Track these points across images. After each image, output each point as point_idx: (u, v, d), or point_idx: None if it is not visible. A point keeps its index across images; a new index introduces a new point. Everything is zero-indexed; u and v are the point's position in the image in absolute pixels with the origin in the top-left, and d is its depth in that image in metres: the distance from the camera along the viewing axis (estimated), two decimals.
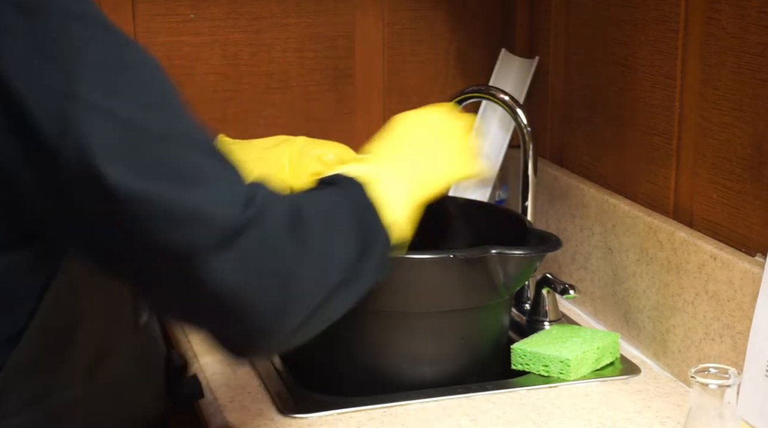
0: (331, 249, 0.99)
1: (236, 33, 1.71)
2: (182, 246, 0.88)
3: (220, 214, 0.89)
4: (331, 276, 0.99)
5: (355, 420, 1.24)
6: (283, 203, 0.96)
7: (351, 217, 1.03)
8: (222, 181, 0.91)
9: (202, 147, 0.92)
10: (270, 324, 0.94)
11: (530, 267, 1.32)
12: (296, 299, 0.95)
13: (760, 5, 1.21)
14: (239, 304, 0.91)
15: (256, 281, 0.91)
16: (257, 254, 0.91)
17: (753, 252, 1.24)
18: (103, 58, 0.88)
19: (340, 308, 1.03)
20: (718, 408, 1.00)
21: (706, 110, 1.32)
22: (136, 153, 0.87)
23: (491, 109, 1.79)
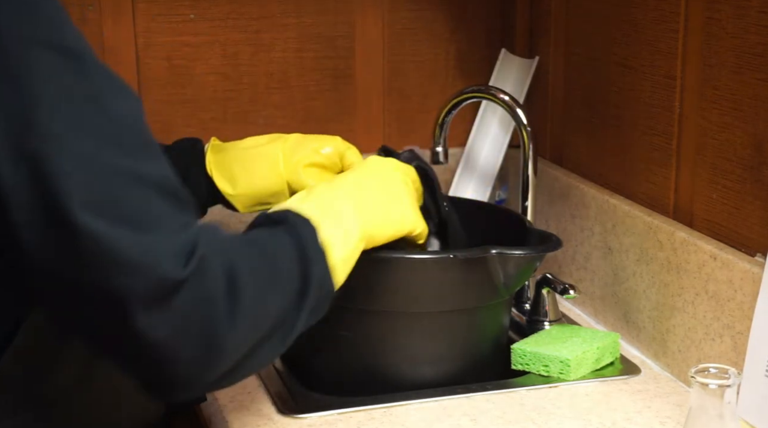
0: (265, 305, 0.98)
1: (236, 33, 1.71)
2: (118, 292, 0.87)
3: (160, 267, 0.88)
4: (261, 330, 0.98)
5: (355, 420, 1.24)
6: (223, 255, 0.95)
7: (292, 262, 1.02)
8: (169, 229, 0.90)
9: (159, 189, 0.91)
10: (192, 376, 0.94)
11: (530, 267, 1.32)
12: (223, 355, 0.94)
13: (760, 5, 1.21)
14: (164, 356, 0.91)
15: (184, 337, 0.91)
16: (189, 312, 0.90)
17: (753, 252, 1.24)
18: (68, 89, 0.87)
19: (271, 355, 1.02)
20: (718, 408, 1.00)
21: (706, 110, 1.32)
22: (84, 187, 0.86)
23: (491, 109, 1.79)
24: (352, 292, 1.27)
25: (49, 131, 0.85)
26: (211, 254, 0.92)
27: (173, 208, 0.91)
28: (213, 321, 0.92)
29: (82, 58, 0.89)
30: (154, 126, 1.79)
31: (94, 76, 0.89)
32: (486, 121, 1.81)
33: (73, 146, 0.86)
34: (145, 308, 0.88)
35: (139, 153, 0.90)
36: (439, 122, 1.59)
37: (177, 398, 0.97)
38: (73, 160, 0.86)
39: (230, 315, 0.93)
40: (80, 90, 0.88)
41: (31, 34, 0.87)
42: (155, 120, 1.68)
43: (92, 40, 1.63)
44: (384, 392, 1.30)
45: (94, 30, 1.64)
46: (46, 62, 0.87)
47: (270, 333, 0.99)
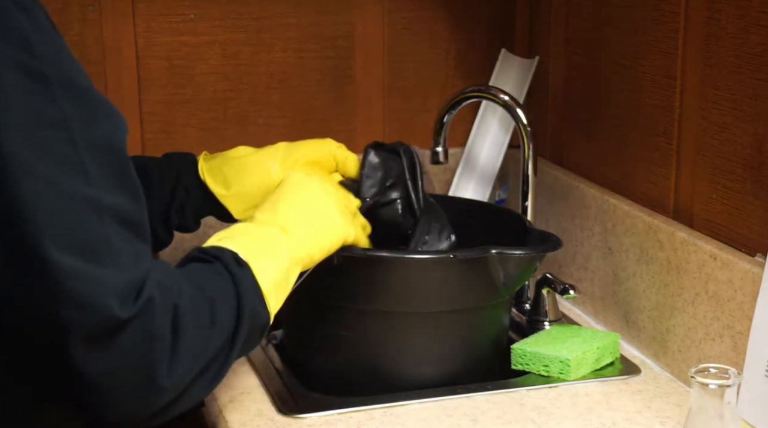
0: (204, 345, 0.99)
1: (236, 33, 1.71)
2: (62, 322, 0.87)
3: (107, 305, 0.88)
4: (197, 368, 0.99)
5: (355, 420, 1.24)
6: (170, 296, 0.95)
7: (228, 302, 1.03)
8: (122, 265, 0.90)
9: (117, 221, 0.91)
10: (127, 412, 0.94)
11: (530, 267, 1.32)
12: (160, 394, 0.95)
13: (760, 5, 1.21)
14: (101, 390, 0.91)
15: (122, 374, 0.91)
16: (130, 350, 0.91)
17: (753, 252, 1.24)
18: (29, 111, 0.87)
19: (202, 392, 1.03)
20: (718, 408, 1.00)
21: (706, 110, 1.32)
22: (44, 214, 0.86)
23: (491, 109, 1.79)
24: (352, 292, 1.27)
25: (10, 152, 0.85)
26: (159, 295, 0.93)
27: (132, 242, 0.92)
28: (153, 361, 0.93)
29: (49, 80, 0.88)
30: (154, 126, 1.81)
31: (62, 99, 0.89)
32: (486, 121, 1.81)
33: (34, 171, 0.86)
34: (87, 342, 0.88)
35: (104, 183, 0.90)
36: (439, 122, 1.59)
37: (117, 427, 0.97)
38: (33, 185, 0.86)
39: (171, 356, 0.94)
40: (46, 114, 0.88)
41: (6, 54, 0.87)
42: (155, 120, 1.68)
43: (92, 40, 1.64)
44: (384, 392, 1.30)
45: (94, 30, 1.64)
46: (15, 84, 0.86)
47: (205, 369, 1.00)
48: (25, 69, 0.87)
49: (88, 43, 1.64)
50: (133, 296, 0.90)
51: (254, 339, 1.08)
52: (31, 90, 0.87)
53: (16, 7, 0.89)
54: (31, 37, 0.88)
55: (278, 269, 1.10)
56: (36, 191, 0.86)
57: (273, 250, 1.12)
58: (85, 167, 0.89)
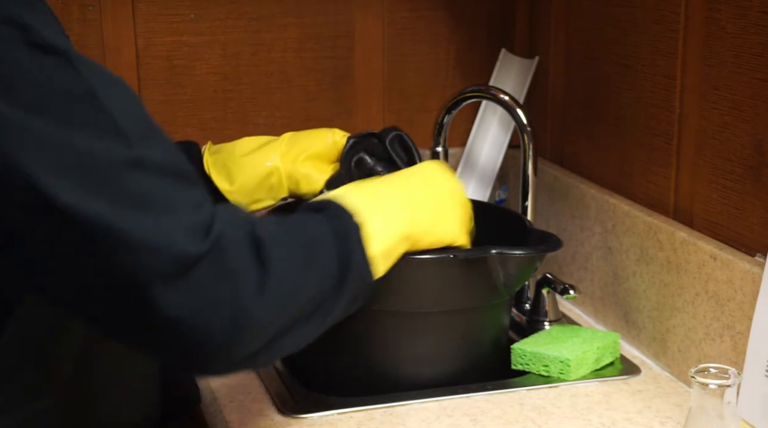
0: (297, 283, 0.98)
1: (236, 33, 1.71)
2: (135, 274, 0.87)
3: (175, 244, 0.88)
4: (293, 308, 0.98)
5: (355, 420, 1.24)
6: (246, 229, 0.95)
7: (330, 248, 1.03)
8: (180, 209, 0.91)
9: (163, 171, 0.91)
10: (222, 351, 0.94)
11: (530, 267, 1.32)
12: (251, 330, 0.94)
13: (760, 5, 1.21)
14: (189, 333, 0.91)
15: (207, 312, 0.91)
16: (210, 287, 0.90)
17: (753, 252, 1.24)
18: (56, 87, 0.87)
19: (304, 337, 1.03)
20: (718, 408, 1.00)
21: (706, 110, 1.32)
22: (92, 181, 0.87)
23: (491, 109, 1.79)
24: None
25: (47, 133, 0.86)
26: (231, 230, 0.93)
27: (181, 189, 0.92)
28: (238, 297, 0.92)
29: (68, 55, 0.89)
30: None
31: (85, 71, 0.89)
32: (486, 121, 1.81)
33: (74, 143, 0.86)
34: (164, 286, 0.88)
35: (141, 140, 0.90)
36: (439, 122, 1.59)
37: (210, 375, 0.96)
38: (76, 157, 0.86)
39: (258, 291, 0.93)
40: (74, 88, 0.88)
41: (16, 36, 0.87)
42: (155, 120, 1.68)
43: (92, 40, 1.64)
44: (384, 392, 1.30)
45: (94, 30, 1.64)
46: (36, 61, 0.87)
47: (305, 314, 0.99)
48: (45, 48, 0.88)
49: (88, 43, 1.64)
50: (201, 233, 0.90)
51: (360, 298, 1.08)
52: (53, 64, 0.88)
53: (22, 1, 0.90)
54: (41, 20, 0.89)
55: (391, 235, 1.11)
56: (78, 162, 0.86)
57: (391, 214, 1.12)
58: (120, 130, 0.89)
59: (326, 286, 1.02)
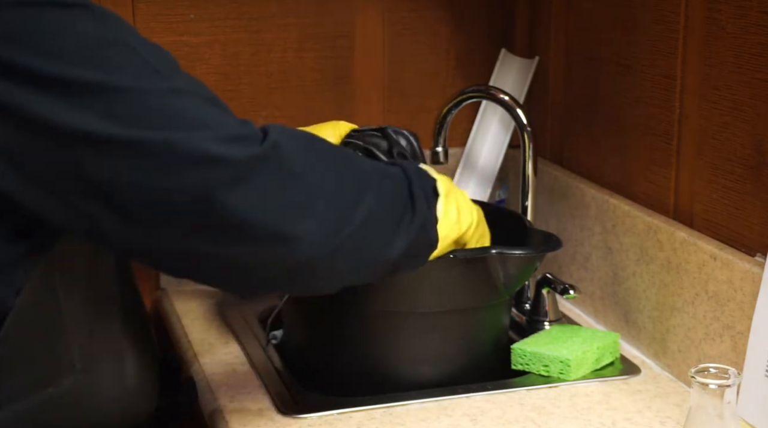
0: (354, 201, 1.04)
1: (236, 33, 1.71)
2: (199, 186, 0.93)
3: (230, 150, 0.94)
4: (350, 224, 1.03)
5: (355, 420, 1.24)
6: (300, 144, 1.02)
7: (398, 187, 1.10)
8: (230, 123, 0.97)
9: (204, 98, 0.97)
10: (295, 250, 0.99)
11: (530, 267, 1.32)
12: (320, 227, 1.00)
13: (760, 5, 1.21)
14: (267, 232, 0.97)
15: (275, 211, 0.97)
16: (273, 187, 0.97)
17: (753, 252, 1.24)
18: (86, 37, 0.91)
19: (361, 261, 1.07)
20: (718, 408, 1.00)
21: (706, 110, 1.32)
22: (139, 114, 0.92)
23: (491, 109, 1.79)
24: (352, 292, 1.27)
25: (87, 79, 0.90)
26: (286, 139, 1.00)
27: (223, 110, 0.99)
28: (296, 197, 0.98)
29: (91, 7, 0.93)
30: None
31: (110, 20, 0.94)
32: (486, 121, 1.81)
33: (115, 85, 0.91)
34: (231, 190, 0.94)
35: (175, 75, 0.97)
36: (439, 121, 1.59)
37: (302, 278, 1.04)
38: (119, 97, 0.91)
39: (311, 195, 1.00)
40: (105, 34, 0.93)
41: None
42: None
43: None
44: (384, 392, 1.30)
45: None
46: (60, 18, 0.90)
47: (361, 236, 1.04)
48: (68, 4, 0.92)
49: None
50: (255, 141, 0.97)
51: (419, 255, 1.14)
52: (81, 17, 0.92)
53: None
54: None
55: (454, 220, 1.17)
56: (128, 102, 0.92)
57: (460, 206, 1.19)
58: (157, 68, 0.95)
59: (386, 216, 1.07)
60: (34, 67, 0.89)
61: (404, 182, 1.11)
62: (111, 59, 0.92)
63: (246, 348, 1.45)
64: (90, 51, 0.91)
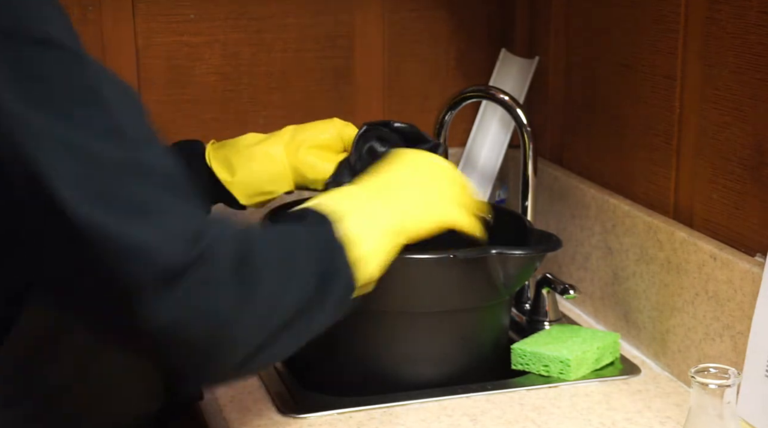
0: (281, 292, 0.98)
1: (236, 33, 1.71)
2: (125, 279, 0.88)
3: (165, 252, 0.88)
4: (278, 318, 0.98)
5: (355, 420, 1.24)
6: (233, 243, 0.95)
7: (311, 257, 1.03)
8: (173, 216, 0.91)
9: (158, 179, 0.91)
10: (206, 362, 0.94)
11: (530, 267, 1.32)
12: (234, 341, 0.94)
13: (760, 5, 1.21)
14: (175, 341, 0.91)
15: (194, 321, 0.91)
16: (198, 295, 0.91)
17: (753, 252, 1.24)
18: (60, 83, 0.88)
19: (290, 345, 1.03)
20: (718, 408, 1.00)
21: (706, 110, 1.32)
22: (89, 180, 0.87)
23: (491, 109, 1.79)
24: None
25: (44, 126, 0.86)
26: (219, 242, 0.93)
27: (177, 198, 0.92)
28: (220, 307, 0.92)
29: (77, 53, 0.90)
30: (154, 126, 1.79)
31: (91, 69, 0.90)
32: (486, 121, 1.81)
33: (71, 140, 0.87)
34: (151, 293, 0.88)
35: (140, 145, 0.91)
36: (439, 122, 1.59)
37: (197, 385, 0.97)
38: (72, 154, 0.87)
39: (240, 302, 0.93)
40: (79, 85, 0.89)
41: (25, 30, 0.88)
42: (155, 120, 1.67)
43: (92, 40, 1.64)
44: (384, 392, 1.30)
45: (94, 30, 1.64)
46: (41, 57, 0.87)
47: (288, 325, 0.99)
48: (55, 45, 0.89)
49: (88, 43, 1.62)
50: (189, 243, 0.90)
51: (343, 303, 1.07)
52: (62, 61, 0.88)
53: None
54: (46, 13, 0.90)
55: (375, 235, 1.10)
56: (75, 161, 0.87)
57: (372, 214, 1.11)
58: (121, 132, 0.90)
59: (309, 296, 1.01)
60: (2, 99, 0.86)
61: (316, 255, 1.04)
62: (76, 112, 0.88)
63: None
64: (57, 98, 0.87)
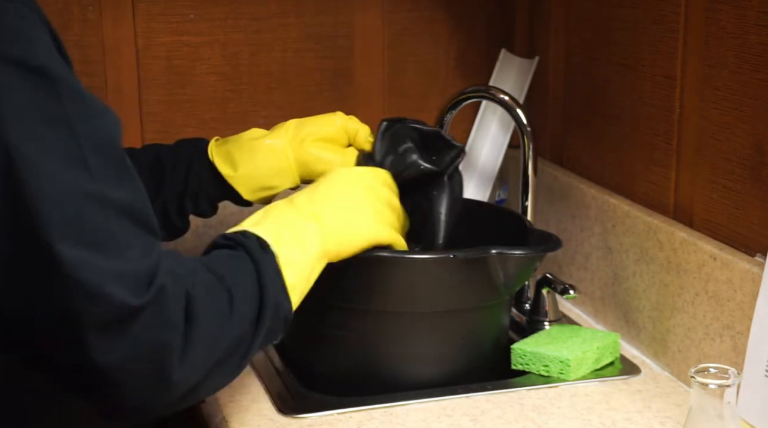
0: (221, 333, 0.99)
1: (236, 33, 1.71)
2: (75, 314, 0.88)
3: (119, 294, 0.89)
4: (215, 356, 0.99)
5: (355, 420, 1.24)
6: (184, 281, 0.96)
7: (249, 289, 1.04)
8: (132, 256, 0.91)
9: (122, 213, 0.92)
10: (144, 401, 0.95)
11: (530, 267, 1.32)
12: (175, 382, 0.95)
13: (760, 5, 1.21)
14: (115, 381, 0.92)
15: (136, 363, 0.92)
16: (143, 339, 0.91)
17: (753, 252, 1.24)
18: (33, 108, 0.88)
19: (223, 379, 1.04)
20: (718, 408, 1.00)
21: (706, 110, 1.32)
22: (48, 209, 0.87)
23: (491, 109, 1.79)
24: (352, 292, 1.27)
25: (16, 149, 0.86)
26: (171, 283, 0.93)
27: (138, 234, 0.93)
28: (167, 349, 0.93)
29: (53, 79, 0.89)
30: (154, 126, 1.81)
31: (65, 97, 0.90)
32: (486, 121, 1.81)
33: (39, 167, 0.87)
34: (100, 332, 0.89)
35: (107, 178, 0.91)
36: (439, 122, 1.59)
37: (128, 421, 0.98)
38: (39, 180, 0.87)
39: (185, 344, 0.95)
40: (51, 111, 0.88)
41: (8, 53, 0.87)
42: (155, 120, 1.68)
43: (92, 40, 1.64)
44: (384, 392, 1.30)
45: (94, 30, 1.64)
46: (21, 83, 0.87)
47: (225, 358, 1.01)
48: (30, 68, 0.88)
49: (88, 44, 1.64)
50: (144, 285, 0.91)
51: (276, 331, 1.08)
52: (36, 88, 0.88)
53: (15, 14, 0.89)
54: (31, 40, 0.89)
55: (306, 260, 1.11)
56: (40, 186, 0.87)
57: (303, 239, 1.12)
58: (88, 163, 0.89)
59: (245, 329, 1.03)
60: None
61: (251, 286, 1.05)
62: (45, 137, 0.88)
63: None
64: (28, 122, 0.87)
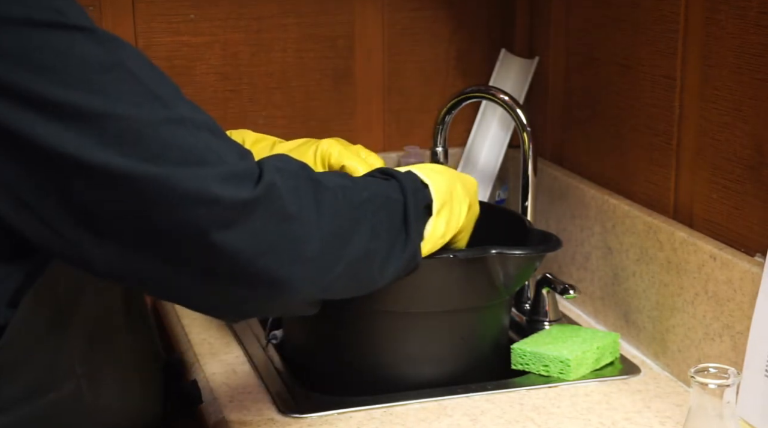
0: (349, 229, 1.04)
1: (236, 33, 1.71)
2: (194, 224, 0.92)
3: (228, 191, 0.93)
4: (348, 253, 1.04)
5: (355, 420, 1.24)
6: (300, 180, 1.01)
7: (395, 211, 1.10)
8: (228, 159, 0.95)
9: (204, 128, 0.95)
10: (281, 290, 0.99)
11: (530, 267, 1.32)
12: (308, 270, 1.00)
13: (760, 5, 1.21)
14: (252, 272, 0.96)
15: (267, 253, 0.96)
16: (267, 229, 0.96)
17: (753, 252, 1.24)
18: (86, 61, 0.90)
19: (350, 287, 1.09)
20: (717, 408, 1.00)
21: (706, 110, 1.32)
22: (137, 142, 0.90)
23: (491, 109, 1.79)
24: None
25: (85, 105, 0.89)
26: (281, 179, 0.98)
27: (223, 142, 0.97)
28: (294, 237, 0.98)
29: (93, 31, 0.92)
30: None
31: (110, 43, 0.93)
32: (486, 121, 1.81)
33: (112, 112, 0.89)
34: (224, 231, 0.93)
35: (177, 102, 0.95)
36: (439, 122, 1.59)
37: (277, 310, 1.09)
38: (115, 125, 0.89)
39: (314, 232, 1.00)
40: (104, 60, 0.91)
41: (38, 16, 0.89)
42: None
43: None
44: (384, 392, 1.30)
45: None
46: (61, 41, 0.89)
47: (361, 261, 1.06)
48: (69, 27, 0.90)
49: None
50: (251, 180, 0.95)
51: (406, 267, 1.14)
52: (82, 41, 0.90)
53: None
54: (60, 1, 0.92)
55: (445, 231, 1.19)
56: (126, 130, 0.90)
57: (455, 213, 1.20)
58: (157, 95, 0.93)
59: (385, 238, 1.08)
60: (30, 88, 0.87)
61: (400, 207, 1.12)
62: (109, 85, 0.90)
63: (246, 348, 1.45)
64: (88, 75, 0.89)
